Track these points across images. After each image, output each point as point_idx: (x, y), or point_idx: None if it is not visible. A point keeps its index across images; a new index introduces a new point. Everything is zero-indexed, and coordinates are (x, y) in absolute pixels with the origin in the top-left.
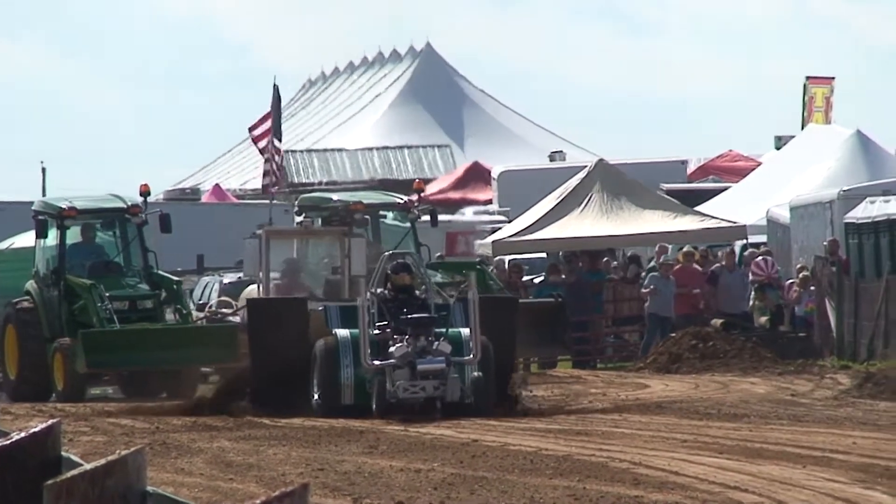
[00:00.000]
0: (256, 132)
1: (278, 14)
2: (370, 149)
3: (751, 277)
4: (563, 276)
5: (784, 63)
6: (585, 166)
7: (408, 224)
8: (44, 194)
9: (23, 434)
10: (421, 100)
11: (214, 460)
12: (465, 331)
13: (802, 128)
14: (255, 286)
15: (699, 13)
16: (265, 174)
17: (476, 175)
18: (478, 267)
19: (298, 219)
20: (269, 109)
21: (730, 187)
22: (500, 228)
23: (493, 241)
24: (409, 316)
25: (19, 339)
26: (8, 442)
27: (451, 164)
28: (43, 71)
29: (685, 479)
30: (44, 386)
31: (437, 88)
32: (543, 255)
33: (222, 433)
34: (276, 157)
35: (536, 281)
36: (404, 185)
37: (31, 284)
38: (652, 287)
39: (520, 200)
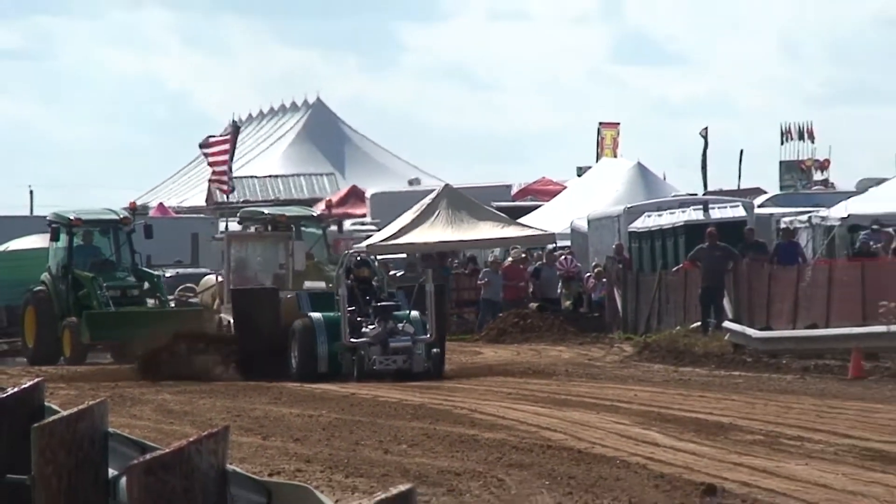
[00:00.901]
0: (211, 155)
1: (207, 73)
2: (275, 176)
3: (557, 273)
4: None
5: (583, 111)
6: (435, 189)
7: (320, 231)
8: (31, 211)
9: (16, 389)
10: (313, 139)
11: (159, 409)
12: (416, 313)
13: (597, 160)
14: (210, 276)
15: (521, 72)
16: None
17: (354, 196)
18: None
19: (239, 227)
20: (223, 137)
21: (543, 205)
22: (372, 235)
23: (367, 245)
24: (378, 304)
25: (36, 317)
26: (4, 395)
27: (335, 188)
28: (29, 114)
29: (509, 422)
30: (54, 353)
31: (324, 131)
32: (404, 255)
33: (165, 388)
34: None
35: (398, 275)
36: (301, 203)
37: (45, 276)
38: (486, 280)
39: (387, 215)
